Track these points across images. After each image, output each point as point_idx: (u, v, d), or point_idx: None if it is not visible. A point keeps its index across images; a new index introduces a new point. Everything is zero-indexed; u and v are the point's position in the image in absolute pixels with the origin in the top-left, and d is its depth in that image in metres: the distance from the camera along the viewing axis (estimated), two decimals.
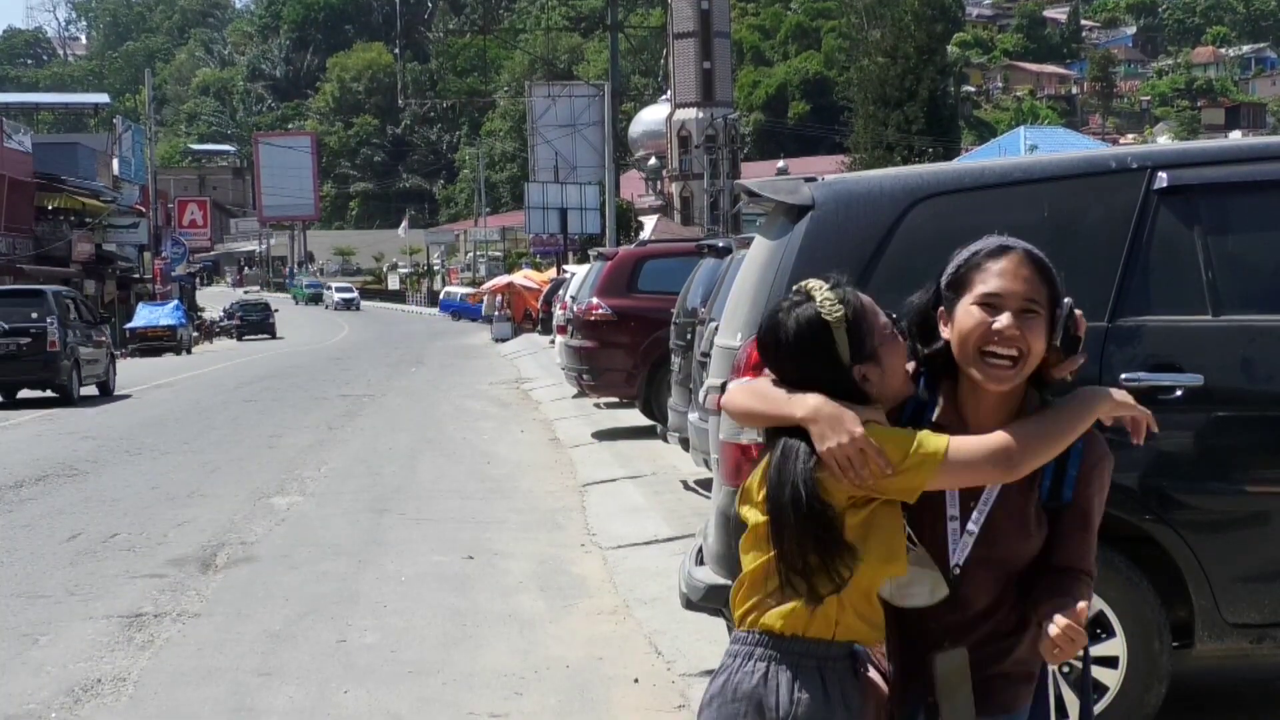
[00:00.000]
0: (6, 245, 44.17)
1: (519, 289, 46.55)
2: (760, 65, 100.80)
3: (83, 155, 52.78)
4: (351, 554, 8.71)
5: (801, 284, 2.52)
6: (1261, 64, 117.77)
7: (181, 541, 9.15)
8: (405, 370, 28.31)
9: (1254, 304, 4.64)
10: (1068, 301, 2.52)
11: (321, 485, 11.70)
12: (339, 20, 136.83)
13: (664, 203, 59.17)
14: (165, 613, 7.19)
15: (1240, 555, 4.53)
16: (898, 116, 44.02)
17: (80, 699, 5.75)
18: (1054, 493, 2.51)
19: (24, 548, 9.11)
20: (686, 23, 56.77)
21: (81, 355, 21.29)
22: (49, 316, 20.47)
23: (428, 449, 14.21)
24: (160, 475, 12.41)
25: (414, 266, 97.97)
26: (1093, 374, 4.47)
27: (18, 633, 6.88)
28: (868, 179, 5.09)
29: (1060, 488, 2.50)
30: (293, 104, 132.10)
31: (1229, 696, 5.48)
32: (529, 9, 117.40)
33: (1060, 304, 2.49)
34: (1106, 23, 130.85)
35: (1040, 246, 4.59)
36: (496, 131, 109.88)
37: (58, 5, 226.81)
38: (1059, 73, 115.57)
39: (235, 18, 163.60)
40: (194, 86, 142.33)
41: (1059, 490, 2.50)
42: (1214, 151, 4.95)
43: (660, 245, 22.73)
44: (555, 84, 70.34)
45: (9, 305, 20.99)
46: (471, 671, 6.04)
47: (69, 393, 20.68)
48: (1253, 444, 4.55)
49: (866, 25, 48.51)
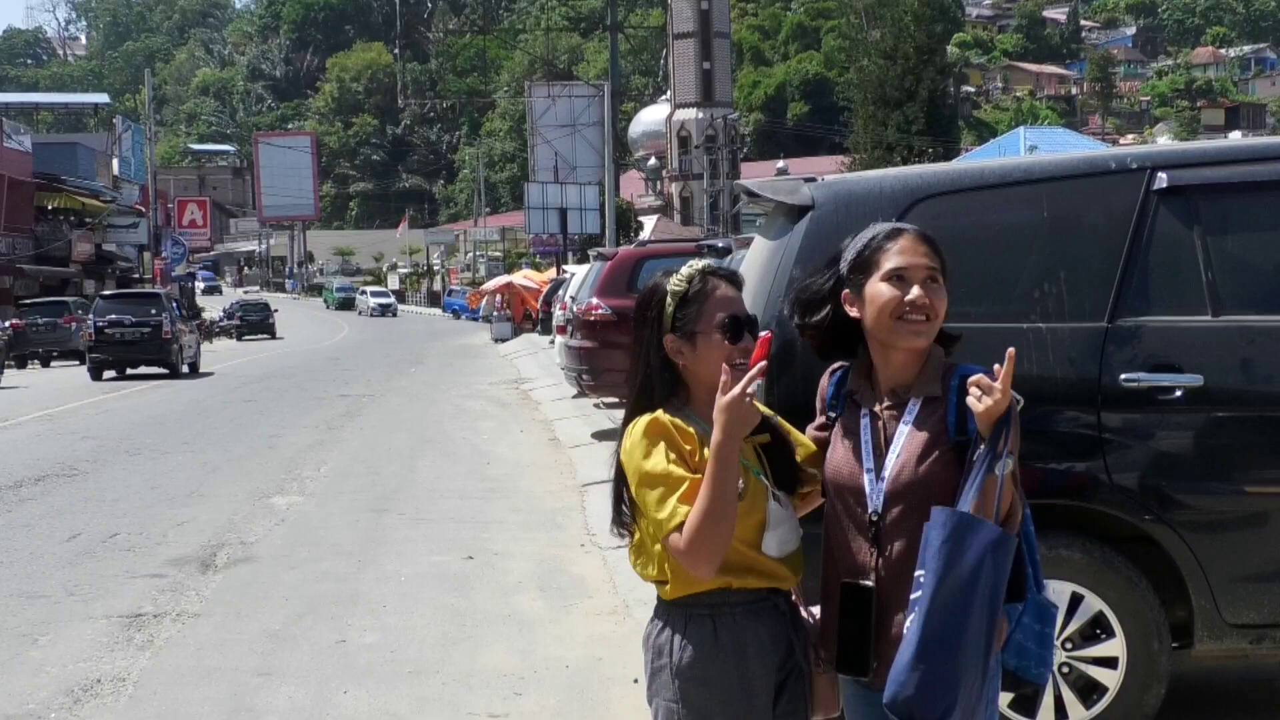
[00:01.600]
0: (6, 245, 44.20)
1: (519, 289, 46.54)
2: (760, 65, 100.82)
3: (82, 155, 52.85)
4: (351, 554, 8.71)
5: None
6: (1261, 64, 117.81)
7: (181, 541, 9.15)
8: (405, 370, 28.31)
9: (1254, 304, 4.64)
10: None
11: (321, 485, 11.70)
12: (339, 20, 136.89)
13: (664, 203, 59.20)
14: (165, 613, 7.19)
15: (1240, 556, 4.53)
16: (897, 117, 44.04)
17: (80, 699, 5.75)
18: (959, 426, 2.70)
19: (23, 548, 9.11)
20: (686, 23, 56.80)
21: (182, 341, 28.39)
22: (163, 313, 27.77)
23: (427, 449, 14.21)
24: (160, 475, 12.41)
25: (414, 267, 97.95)
26: (1092, 374, 4.48)
27: (17, 633, 6.88)
28: (867, 179, 5.09)
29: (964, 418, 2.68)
30: (292, 104, 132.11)
31: (1229, 697, 5.48)
32: (529, 9, 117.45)
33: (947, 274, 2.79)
34: (1106, 23, 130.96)
35: (1040, 246, 4.64)
36: (496, 131, 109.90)
37: (57, 5, 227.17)
38: (1058, 73, 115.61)
39: (235, 18, 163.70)
40: (194, 86, 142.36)
41: (963, 422, 2.69)
42: (1213, 152, 4.94)
43: (660, 245, 22.75)
44: (555, 84, 70.38)
45: (134, 304, 28.71)
46: (471, 671, 6.05)
47: (176, 368, 27.67)
48: (1252, 444, 4.55)
49: (866, 26, 48.56)
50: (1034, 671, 2.75)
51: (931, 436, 2.73)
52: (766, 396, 4.66)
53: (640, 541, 2.76)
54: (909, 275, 2.75)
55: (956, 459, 2.69)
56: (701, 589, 2.69)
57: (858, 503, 2.77)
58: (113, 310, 28.21)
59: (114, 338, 27.50)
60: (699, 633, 2.71)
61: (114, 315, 27.78)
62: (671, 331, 2.74)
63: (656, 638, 2.77)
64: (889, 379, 2.81)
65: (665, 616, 2.77)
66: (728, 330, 2.72)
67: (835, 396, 2.92)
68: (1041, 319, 4.51)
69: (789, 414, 4.62)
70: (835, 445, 2.86)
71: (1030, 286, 4.56)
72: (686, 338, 2.73)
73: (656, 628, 2.78)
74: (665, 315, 2.74)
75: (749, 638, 2.71)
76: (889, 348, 2.78)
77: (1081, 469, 4.44)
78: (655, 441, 2.66)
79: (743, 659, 2.71)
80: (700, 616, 2.71)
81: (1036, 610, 2.75)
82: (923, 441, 2.73)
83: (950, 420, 2.72)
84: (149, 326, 27.41)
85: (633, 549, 2.80)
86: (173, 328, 27.73)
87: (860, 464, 2.78)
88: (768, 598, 2.75)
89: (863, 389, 2.84)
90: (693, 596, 2.70)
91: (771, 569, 2.74)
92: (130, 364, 27.98)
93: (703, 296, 2.73)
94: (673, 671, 2.72)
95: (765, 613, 2.74)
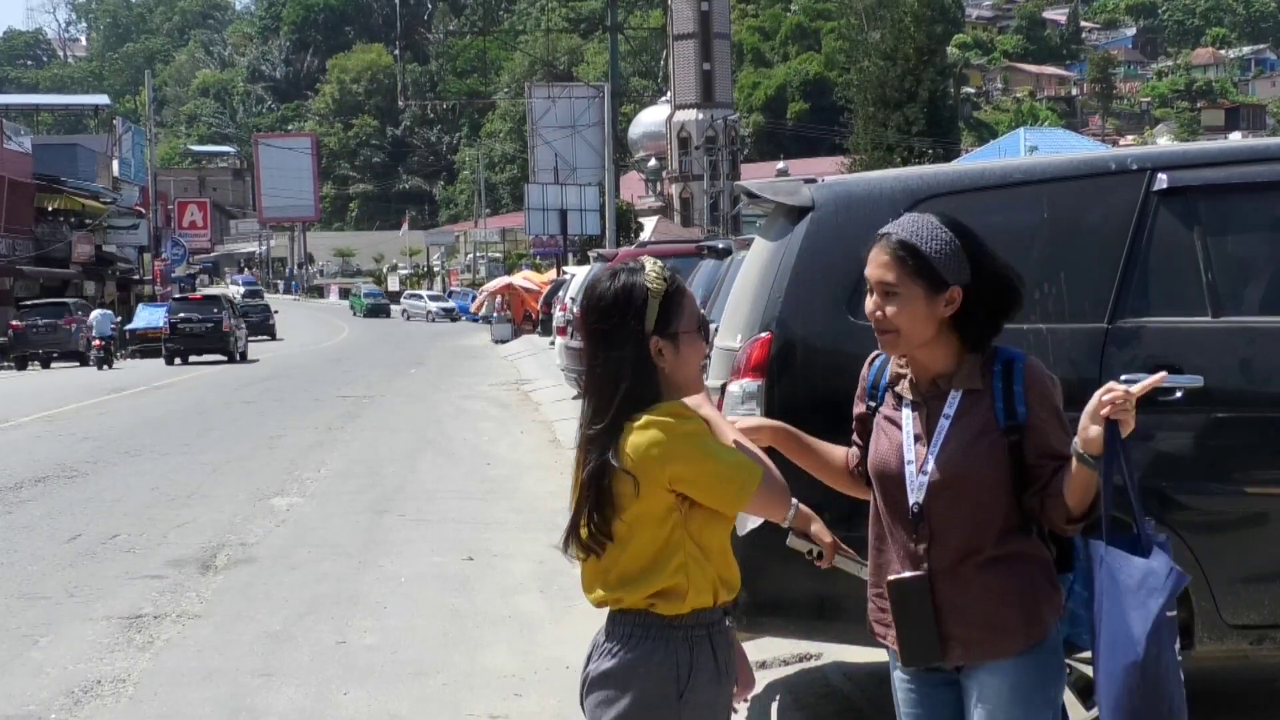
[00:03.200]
0: (6, 246, 44.18)
1: (519, 290, 46.53)
2: (760, 66, 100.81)
3: (82, 156, 52.83)
4: (351, 555, 8.71)
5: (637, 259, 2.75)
6: (1261, 65, 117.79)
7: (181, 542, 9.15)
8: (405, 371, 28.31)
9: (1254, 305, 4.64)
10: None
11: (321, 486, 11.70)
12: (339, 21, 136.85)
13: (664, 204, 59.16)
14: (165, 614, 7.19)
15: (1240, 556, 4.52)
16: (898, 118, 44.02)
17: (80, 700, 5.75)
18: (1008, 412, 2.72)
19: (24, 549, 9.11)
20: (686, 24, 56.76)
21: (237, 334, 35.81)
22: (223, 311, 35.50)
23: (428, 450, 14.21)
24: (160, 476, 12.41)
25: (414, 268, 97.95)
26: (1092, 375, 4.48)
27: (18, 634, 6.88)
28: (868, 180, 5.09)
29: (1012, 405, 2.72)
30: (293, 105, 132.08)
31: (1229, 697, 5.47)
32: (529, 10, 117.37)
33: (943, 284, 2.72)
34: (1106, 24, 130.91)
35: (1040, 247, 4.64)
36: (496, 133, 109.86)
37: (58, 6, 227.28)
38: (1059, 74, 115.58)
39: (235, 19, 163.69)
40: (194, 88, 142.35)
41: (1012, 408, 2.72)
42: (1214, 153, 4.94)
43: (660, 246, 22.77)
44: (555, 85, 70.37)
45: (201, 305, 36.47)
46: (471, 672, 6.05)
47: (232, 355, 35.17)
48: (1253, 445, 4.55)
49: (866, 26, 48.56)
50: (1086, 639, 2.76)
51: (978, 427, 2.74)
52: (766, 396, 4.66)
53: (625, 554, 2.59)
54: (871, 285, 2.78)
55: (1005, 448, 2.72)
56: (707, 604, 2.56)
57: (901, 494, 2.80)
58: (183, 309, 35.70)
59: (185, 331, 34.72)
60: (703, 656, 2.56)
61: (184, 313, 35.21)
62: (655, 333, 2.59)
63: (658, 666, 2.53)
64: (924, 371, 2.82)
65: (657, 640, 2.55)
66: (701, 329, 2.65)
67: (874, 385, 2.94)
68: (1042, 320, 4.51)
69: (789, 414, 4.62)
70: (878, 436, 2.88)
71: (1031, 287, 4.55)
72: (670, 339, 2.60)
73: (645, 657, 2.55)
74: (649, 315, 2.59)
75: (731, 657, 2.64)
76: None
77: None
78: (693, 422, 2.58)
79: (730, 679, 2.63)
80: (700, 638, 2.57)
81: (1086, 578, 2.76)
82: (969, 431, 2.74)
83: (999, 408, 2.74)
84: (212, 322, 34.74)
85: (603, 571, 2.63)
86: (231, 323, 35.17)
87: (902, 456, 2.80)
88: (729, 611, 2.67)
89: (903, 380, 2.85)
90: (694, 614, 2.56)
91: (735, 580, 2.67)
92: (196, 352, 34.88)
93: (680, 295, 2.63)
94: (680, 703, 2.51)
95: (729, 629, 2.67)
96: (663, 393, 2.61)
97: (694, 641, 2.56)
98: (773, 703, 5.55)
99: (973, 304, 2.74)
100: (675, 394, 2.63)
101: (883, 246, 2.76)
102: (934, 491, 2.75)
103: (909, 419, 2.82)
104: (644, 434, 2.54)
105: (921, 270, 2.72)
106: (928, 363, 2.80)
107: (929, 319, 2.74)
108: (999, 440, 2.73)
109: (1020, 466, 2.74)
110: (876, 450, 2.87)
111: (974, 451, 2.73)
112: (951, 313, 2.74)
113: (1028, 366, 2.76)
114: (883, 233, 2.79)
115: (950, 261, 2.72)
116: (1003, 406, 2.73)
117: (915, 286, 2.72)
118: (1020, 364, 2.76)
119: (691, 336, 2.62)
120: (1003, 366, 2.75)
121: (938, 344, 2.77)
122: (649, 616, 2.56)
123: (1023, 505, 2.76)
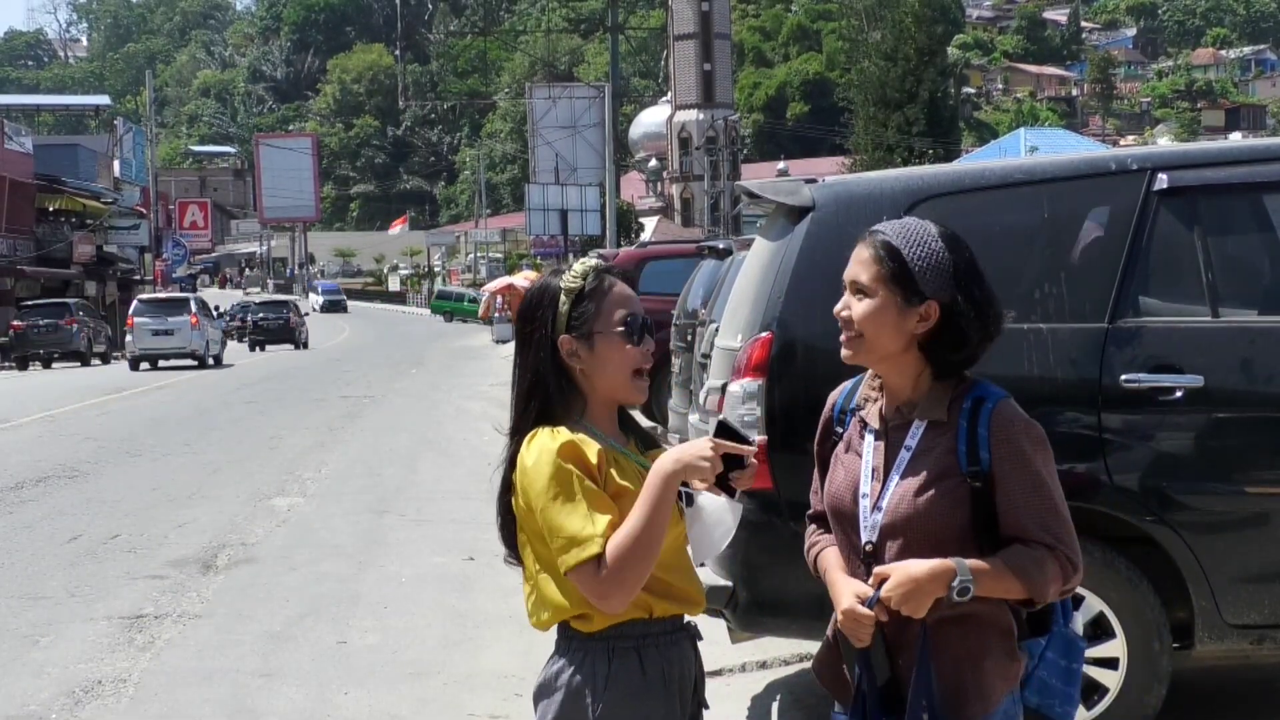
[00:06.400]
0: (7, 247, 44.16)
1: (519, 290, 46.53)
2: (761, 67, 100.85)
3: (83, 157, 52.82)
4: (352, 555, 8.72)
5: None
6: (1261, 65, 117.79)
7: (182, 543, 9.15)
8: (406, 372, 28.32)
9: (1254, 305, 4.65)
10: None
11: (322, 486, 11.70)
12: (339, 22, 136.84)
13: (664, 204, 59.15)
14: (166, 614, 7.19)
15: (1240, 556, 4.53)
16: (898, 118, 43.98)
17: (81, 700, 5.75)
18: (971, 456, 2.46)
19: (25, 549, 9.11)
20: (687, 24, 56.73)
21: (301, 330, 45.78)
22: (290, 311, 46.61)
23: (428, 450, 14.21)
24: (161, 476, 12.41)
25: (414, 268, 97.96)
26: (1093, 375, 4.48)
27: (18, 634, 6.89)
28: (868, 180, 5.09)
29: (975, 449, 2.45)
30: (293, 105, 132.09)
31: (1229, 697, 5.48)
32: (529, 10, 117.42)
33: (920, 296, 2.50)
34: (1106, 24, 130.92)
35: (1040, 247, 4.65)
36: (497, 133, 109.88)
37: (58, 7, 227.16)
38: (1059, 74, 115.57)
39: (236, 19, 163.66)
40: (195, 88, 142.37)
41: (975, 453, 2.45)
42: (1214, 153, 4.95)
43: (661, 247, 22.76)
44: (556, 85, 70.33)
45: (273, 306, 48.63)
46: (472, 672, 6.05)
47: (299, 345, 44.51)
48: (1253, 445, 4.55)
49: (867, 27, 48.47)
50: (1058, 710, 2.56)
51: (936, 466, 2.48)
52: (767, 396, 4.66)
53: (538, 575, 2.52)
54: (846, 282, 2.59)
55: (967, 493, 2.46)
56: (625, 618, 2.44)
57: (855, 532, 2.56)
58: (260, 310, 48.11)
59: (263, 326, 46.13)
60: (626, 668, 2.45)
61: (261, 313, 47.32)
62: (567, 332, 2.50)
63: (570, 680, 2.46)
64: (892, 396, 2.58)
65: (579, 654, 2.47)
66: (629, 330, 2.50)
67: (843, 411, 2.69)
68: (1042, 319, 4.52)
69: (789, 415, 4.64)
70: (835, 467, 2.64)
71: (1031, 287, 4.56)
72: (584, 338, 2.49)
73: (565, 669, 2.48)
74: (559, 314, 2.49)
75: (673, 670, 2.50)
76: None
77: (1082, 470, 4.44)
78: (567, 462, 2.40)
79: (669, 693, 2.49)
80: (625, 650, 2.45)
81: (1063, 645, 2.55)
82: (926, 471, 2.48)
83: (960, 450, 2.47)
84: (282, 319, 46.15)
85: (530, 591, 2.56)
86: (296, 320, 45.80)
87: (857, 489, 2.56)
88: (684, 626, 2.56)
89: (871, 405, 2.62)
90: (615, 627, 2.45)
91: (685, 593, 2.53)
92: (272, 342, 44.95)
93: (600, 294, 2.50)
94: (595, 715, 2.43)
95: (682, 642, 2.54)
96: (587, 399, 2.52)
97: (616, 654, 2.46)
98: (773, 703, 5.56)
99: (947, 326, 2.50)
100: (601, 402, 2.52)
101: (867, 244, 2.57)
102: (886, 533, 2.50)
103: (870, 449, 2.57)
104: (528, 448, 2.48)
105: (898, 276, 2.51)
106: (894, 384, 2.56)
107: (898, 330, 2.51)
108: (960, 485, 2.46)
109: (989, 517, 2.46)
110: (832, 482, 2.62)
111: (931, 494, 2.47)
112: (924, 330, 2.50)
113: (997, 410, 2.47)
114: (873, 230, 2.60)
115: (931, 274, 2.50)
116: (965, 449, 2.46)
117: (889, 292, 2.51)
118: (990, 406, 2.47)
119: (610, 338, 2.48)
120: (972, 404, 2.48)
121: (905, 363, 2.53)
122: (569, 628, 2.51)
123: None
